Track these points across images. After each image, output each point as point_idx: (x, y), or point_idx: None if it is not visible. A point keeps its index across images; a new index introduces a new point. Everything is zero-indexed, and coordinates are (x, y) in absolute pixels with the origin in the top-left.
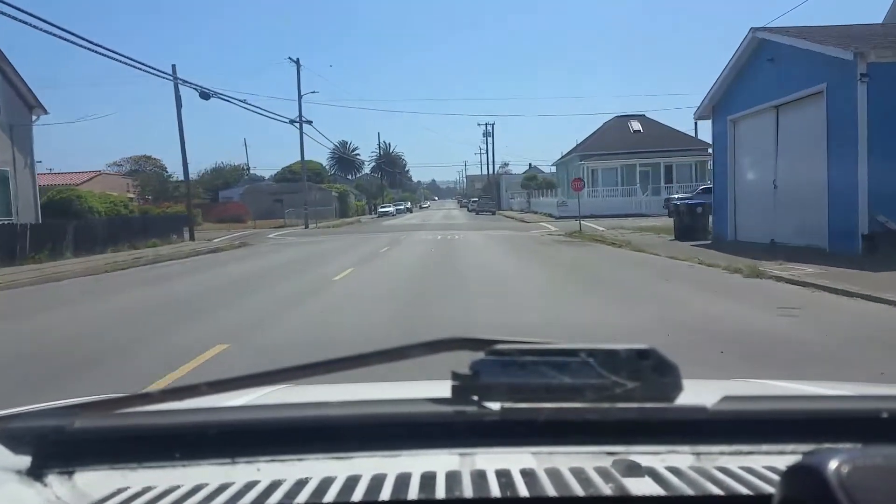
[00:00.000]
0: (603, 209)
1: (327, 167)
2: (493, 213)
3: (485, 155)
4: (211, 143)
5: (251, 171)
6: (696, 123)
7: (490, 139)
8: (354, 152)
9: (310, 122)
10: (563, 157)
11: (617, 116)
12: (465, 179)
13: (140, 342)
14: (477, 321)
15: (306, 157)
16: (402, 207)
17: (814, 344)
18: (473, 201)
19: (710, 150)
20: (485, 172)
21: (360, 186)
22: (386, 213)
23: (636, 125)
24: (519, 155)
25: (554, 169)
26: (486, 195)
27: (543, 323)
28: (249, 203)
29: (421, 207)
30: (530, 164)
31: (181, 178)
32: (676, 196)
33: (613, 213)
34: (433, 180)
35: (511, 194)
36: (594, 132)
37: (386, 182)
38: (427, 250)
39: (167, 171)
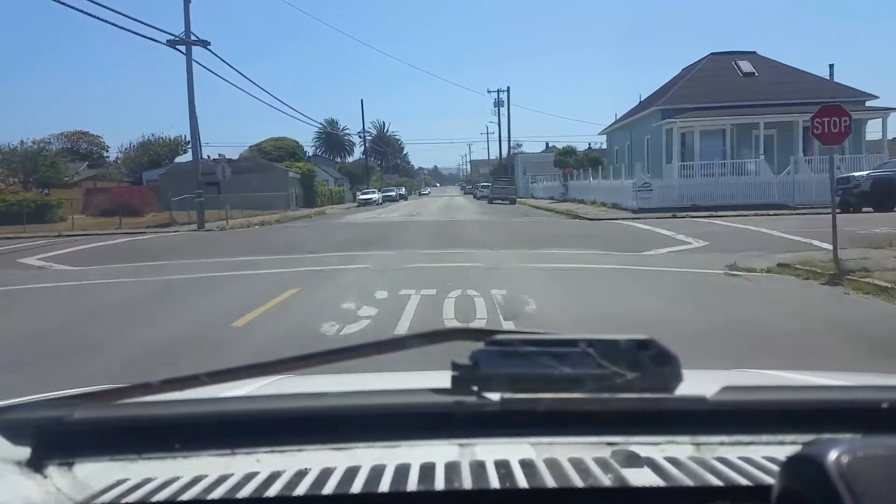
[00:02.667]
0: (705, 196)
1: (313, 149)
2: (513, 202)
3: (494, 133)
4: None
5: (204, 148)
6: (830, 66)
7: (504, 109)
8: (344, 131)
9: (205, 44)
10: (623, 119)
11: (713, 54)
12: (468, 165)
13: None
14: None
15: (282, 135)
16: (391, 194)
17: None
18: (483, 186)
19: (868, 103)
20: (492, 156)
21: (344, 169)
22: (368, 202)
23: (746, 66)
24: (531, 134)
25: (598, 142)
26: (503, 178)
27: None
28: (174, 186)
29: (420, 194)
30: (547, 144)
31: (119, 158)
32: (862, 173)
33: (722, 204)
34: (435, 167)
35: (531, 177)
36: (678, 77)
37: (378, 165)
38: None
39: (106, 151)
